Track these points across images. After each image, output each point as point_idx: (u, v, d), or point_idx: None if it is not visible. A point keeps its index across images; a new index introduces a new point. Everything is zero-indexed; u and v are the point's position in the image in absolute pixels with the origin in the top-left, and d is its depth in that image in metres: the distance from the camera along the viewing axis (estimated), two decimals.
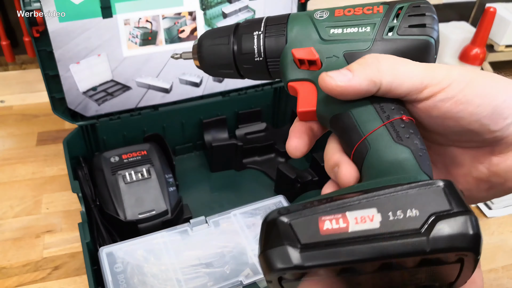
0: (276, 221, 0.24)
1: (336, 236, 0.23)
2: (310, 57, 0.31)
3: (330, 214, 0.23)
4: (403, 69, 0.27)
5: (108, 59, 0.66)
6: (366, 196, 0.23)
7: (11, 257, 0.63)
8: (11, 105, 0.91)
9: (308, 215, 0.23)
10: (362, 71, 0.27)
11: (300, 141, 0.32)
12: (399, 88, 0.27)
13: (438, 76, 0.27)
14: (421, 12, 0.30)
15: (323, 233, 0.23)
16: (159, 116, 0.74)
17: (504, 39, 1.01)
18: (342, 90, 0.27)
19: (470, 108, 0.26)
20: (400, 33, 0.30)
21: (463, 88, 0.26)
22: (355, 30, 0.31)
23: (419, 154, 0.26)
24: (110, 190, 0.62)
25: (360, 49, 0.30)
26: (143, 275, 0.51)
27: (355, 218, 0.23)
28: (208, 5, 0.68)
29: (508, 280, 0.64)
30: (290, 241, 0.23)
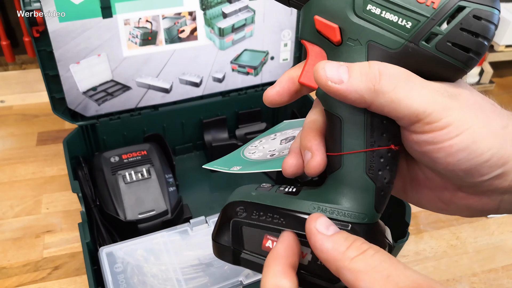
0: (231, 222, 0.29)
1: None
2: (331, 36, 0.26)
3: (274, 236, 0.28)
4: (403, 95, 0.24)
5: (108, 59, 0.66)
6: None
7: (11, 257, 0.63)
8: (11, 105, 0.91)
9: (258, 228, 0.28)
10: (358, 82, 0.25)
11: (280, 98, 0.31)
12: (390, 114, 0.25)
13: (437, 115, 0.24)
14: (477, 29, 0.24)
15: (263, 248, 0.28)
16: (159, 116, 0.74)
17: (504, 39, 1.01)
18: (329, 90, 0.25)
19: (450, 159, 0.25)
20: (438, 48, 0.24)
21: (454, 137, 0.24)
22: (395, 19, 0.25)
23: (381, 192, 0.27)
24: (110, 190, 0.62)
25: (388, 46, 0.25)
26: (143, 275, 0.51)
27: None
28: (208, 5, 0.68)
29: (508, 280, 0.64)
30: (236, 245, 0.29)
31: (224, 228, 0.29)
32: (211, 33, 0.70)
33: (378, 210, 0.27)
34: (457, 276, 0.65)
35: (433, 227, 0.72)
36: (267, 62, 0.77)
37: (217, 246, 0.30)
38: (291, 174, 0.31)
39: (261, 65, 0.76)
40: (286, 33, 0.75)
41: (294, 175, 0.31)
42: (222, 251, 0.30)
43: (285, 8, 0.72)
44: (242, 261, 0.29)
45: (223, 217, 0.30)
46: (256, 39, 0.74)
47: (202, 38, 0.70)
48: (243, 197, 0.30)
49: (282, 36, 0.75)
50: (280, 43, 0.76)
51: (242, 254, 0.28)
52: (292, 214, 0.28)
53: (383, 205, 0.28)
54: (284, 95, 0.31)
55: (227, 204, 0.30)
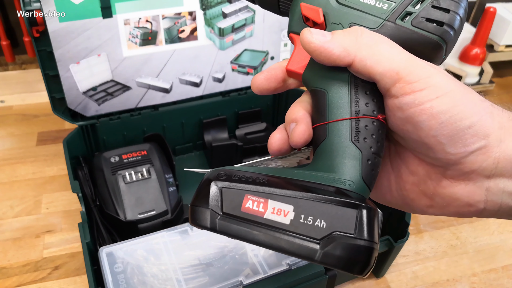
0: (211, 183, 0.27)
1: (251, 217, 0.26)
2: (315, 18, 0.29)
3: (256, 195, 0.26)
4: (384, 50, 0.26)
5: (108, 59, 0.66)
6: (291, 193, 0.26)
7: (11, 257, 0.63)
8: (11, 105, 0.91)
9: (239, 189, 0.27)
10: (341, 38, 0.26)
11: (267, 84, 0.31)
12: (373, 68, 0.26)
13: (416, 74, 0.25)
14: (447, 6, 0.27)
15: (243, 209, 0.26)
16: (159, 116, 0.74)
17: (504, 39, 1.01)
18: (315, 48, 0.27)
19: (432, 122, 0.25)
20: (414, 24, 0.27)
21: (434, 99, 0.25)
22: (372, 2, 0.28)
23: (368, 161, 0.27)
24: (110, 190, 0.62)
25: (368, 25, 0.28)
26: (143, 275, 0.51)
27: (273, 207, 0.26)
28: (208, 5, 0.68)
29: (508, 280, 0.64)
30: (214, 207, 0.27)
31: (203, 192, 0.28)
32: (211, 33, 0.70)
33: (366, 180, 0.27)
34: (457, 276, 0.65)
35: (433, 227, 0.72)
36: (267, 62, 0.77)
37: (193, 211, 0.28)
38: (277, 148, 0.30)
39: (261, 65, 0.76)
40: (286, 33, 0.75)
41: (280, 150, 0.30)
42: (198, 215, 0.28)
43: None
44: (219, 225, 0.27)
45: (203, 183, 0.28)
46: (256, 39, 0.74)
47: (202, 38, 0.70)
48: (228, 168, 0.29)
49: (282, 36, 0.75)
50: (280, 43, 0.76)
51: (219, 218, 0.27)
52: (276, 178, 0.27)
53: (371, 177, 0.27)
54: (271, 80, 0.31)
55: (209, 172, 0.29)
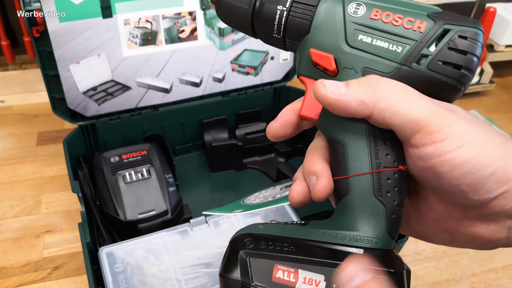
0: (239, 254, 0.27)
1: (283, 287, 0.26)
2: (327, 65, 0.28)
3: (285, 265, 0.26)
4: (403, 101, 0.25)
5: (108, 59, 0.66)
6: (321, 261, 0.25)
7: (11, 257, 0.63)
8: (11, 105, 0.91)
9: (267, 258, 0.26)
10: (357, 90, 0.25)
11: (283, 131, 0.31)
12: (392, 120, 0.25)
13: (436, 124, 0.24)
14: (464, 48, 0.25)
15: (274, 280, 0.26)
16: (159, 116, 0.74)
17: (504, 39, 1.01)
18: (331, 102, 0.26)
19: (455, 172, 0.24)
20: (430, 68, 0.26)
21: (456, 149, 0.24)
22: (386, 45, 0.26)
23: (392, 215, 0.26)
24: (110, 190, 0.62)
25: (382, 71, 0.26)
26: (143, 275, 0.51)
27: (304, 277, 0.25)
28: (208, 5, 0.68)
29: (508, 280, 0.64)
30: (245, 278, 0.27)
31: (231, 262, 0.27)
32: (211, 33, 0.70)
33: (391, 234, 0.26)
34: (457, 276, 0.65)
35: None
36: (267, 62, 0.77)
37: (224, 282, 0.28)
38: (298, 201, 0.29)
39: (261, 65, 0.76)
40: None
41: (302, 203, 0.29)
42: (230, 287, 0.28)
43: None
44: None
45: (230, 252, 0.28)
46: (256, 39, 0.73)
47: (202, 38, 0.70)
48: (249, 230, 0.29)
49: None
50: None
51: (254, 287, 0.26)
52: (302, 242, 0.27)
53: (396, 230, 0.27)
54: (287, 127, 0.30)
55: (233, 238, 0.28)
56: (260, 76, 0.77)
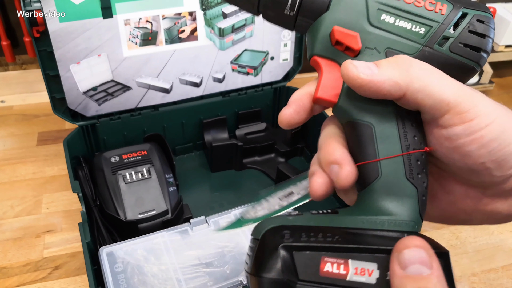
0: (279, 249, 0.23)
1: (333, 281, 0.23)
2: (352, 44, 0.26)
3: (334, 256, 0.23)
4: (435, 82, 0.24)
5: (109, 59, 0.66)
6: (372, 249, 0.24)
7: (12, 257, 0.63)
8: (11, 105, 0.91)
9: (313, 251, 0.23)
10: (390, 70, 0.25)
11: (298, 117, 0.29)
12: (425, 100, 0.24)
13: (466, 105, 0.24)
14: (483, 31, 0.26)
15: (322, 274, 0.23)
16: (159, 116, 0.74)
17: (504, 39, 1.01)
18: (362, 83, 0.25)
19: (482, 151, 0.25)
20: (452, 50, 0.26)
21: (484, 127, 0.24)
22: (409, 26, 0.26)
23: (423, 196, 0.26)
24: (111, 190, 0.62)
25: (406, 51, 0.26)
26: (143, 275, 0.51)
27: (355, 268, 0.23)
28: (208, 6, 0.68)
29: (508, 280, 0.65)
30: (289, 275, 0.23)
31: (270, 258, 0.23)
32: (211, 33, 0.70)
33: (421, 216, 0.26)
34: (457, 276, 0.65)
35: (433, 227, 0.72)
36: (267, 62, 0.77)
37: (260, 282, 0.23)
38: (322, 194, 0.27)
39: (261, 65, 0.76)
40: (286, 34, 0.75)
41: (325, 195, 0.27)
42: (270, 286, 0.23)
43: None
44: None
45: (264, 247, 0.24)
46: (256, 39, 0.74)
47: (202, 38, 0.70)
48: (279, 222, 0.25)
49: (282, 36, 0.75)
50: (280, 43, 0.76)
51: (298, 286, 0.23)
52: (345, 231, 0.25)
53: (424, 212, 0.26)
54: (301, 113, 0.29)
55: (266, 231, 0.24)
56: (260, 76, 0.77)
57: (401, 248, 0.23)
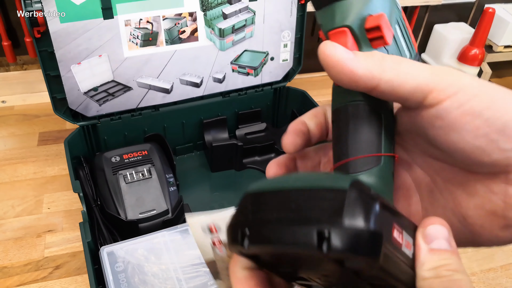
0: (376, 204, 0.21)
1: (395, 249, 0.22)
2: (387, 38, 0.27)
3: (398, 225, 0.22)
4: (408, 68, 0.25)
5: (109, 60, 0.66)
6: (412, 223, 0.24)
7: (12, 257, 0.64)
8: (12, 106, 0.91)
9: (389, 215, 0.22)
10: (364, 59, 0.25)
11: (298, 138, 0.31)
12: (401, 87, 0.24)
13: (446, 81, 0.24)
14: None
15: (392, 240, 0.22)
16: (160, 116, 0.74)
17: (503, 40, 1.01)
18: (336, 65, 0.25)
19: (478, 121, 0.24)
20: None
21: (472, 98, 0.24)
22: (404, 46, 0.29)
23: None
24: (111, 190, 0.63)
25: None
26: (144, 274, 0.52)
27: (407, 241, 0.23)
28: (208, 6, 0.68)
29: (507, 279, 0.65)
30: (382, 233, 0.20)
31: (368, 208, 0.20)
32: (211, 34, 0.70)
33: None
34: None
35: None
36: (267, 63, 0.77)
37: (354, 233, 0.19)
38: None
39: (261, 66, 0.77)
40: (286, 34, 0.76)
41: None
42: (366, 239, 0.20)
43: (285, 8, 0.72)
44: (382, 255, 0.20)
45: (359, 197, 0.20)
46: (256, 40, 0.74)
47: (202, 39, 0.70)
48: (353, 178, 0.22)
49: (282, 36, 0.75)
50: (280, 44, 0.76)
51: (384, 246, 0.20)
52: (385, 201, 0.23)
53: None
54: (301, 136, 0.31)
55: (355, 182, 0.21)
56: (260, 77, 0.78)
57: (427, 224, 0.24)
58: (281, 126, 0.85)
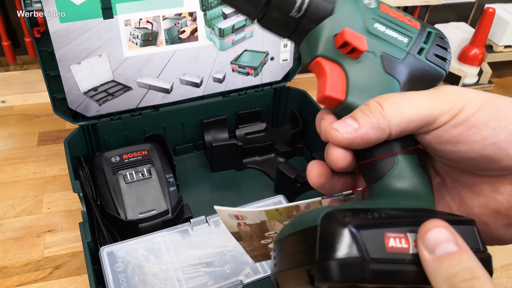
0: (346, 229, 0.22)
1: (399, 256, 0.23)
2: (360, 46, 0.28)
3: (394, 232, 0.23)
4: (408, 106, 0.26)
5: (109, 60, 0.66)
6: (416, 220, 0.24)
7: (12, 257, 0.64)
8: (12, 105, 0.91)
9: (376, 227, 0.23)
10: (367, 119, 0.26)
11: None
12: (409, 126, 0.26)
13: (448, 102, 0.25)
14: (444, 45, 0.32)
15: (388, 250, 0.23)
16: (160, 116, 0.74)
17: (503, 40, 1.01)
18: (350, 141, 0.26)
19: (484, 131, 0.24)
20: (427, 58, 0.31)
21: (476, 111, 0.24)
22: (395, 35, 0.30)
23: (431, 183, 0.28)
24: (111, 190, 0.63)
25: (396, 57, 0.30)
26: (144, 275, 0.52)
27: (414, 241, 0.23)
28: (208, 6, 0.68)
29: (507, 280, 0.65)
30: (362, 254, 0.22)
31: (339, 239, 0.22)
32: (211, 34, 0.70)
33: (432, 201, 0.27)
34: None
35: None
36: (267, 63, 0.77)
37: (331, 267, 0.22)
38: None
39: (261, 66, 0.77)
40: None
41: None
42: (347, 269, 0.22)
43: None
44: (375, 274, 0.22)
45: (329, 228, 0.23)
46: (256, 40, 0.74)
47: (202, 39, 0.70)
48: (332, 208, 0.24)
49: None
50: (280, 44, 0.76)
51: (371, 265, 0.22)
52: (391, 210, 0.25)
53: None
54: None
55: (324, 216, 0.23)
56: (260, 77, 0.78)
57: (424, 233, 0.23)
58: (281, 126, 0.85)
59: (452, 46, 1.01)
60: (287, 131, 0.82)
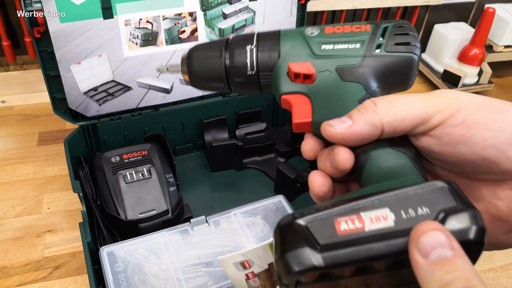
0: (293, 225, 0.24)
1: (354, 236, 0.23)
2: (307, 71, 0.32)
3: (345, 215, 0.24)
4: (401, 104, 0.26)
5: (109, 60, 0.66)
6: (377, 198, 0.24)
7: (12, 257, 0.64)
8: (12, 105, 0.91)
9: (323, 218, 0.24)
10: (361, 116, 0.27)
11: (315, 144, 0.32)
12: (402, 124, 0.26)
13: (445, 101, 0.26)
14: (404, 31, 0.33)
15: (340, 233, 0.24)
16: (160, 116, 0.74)
17: (503, 40, 1.01)
18: (344, 136, 0.27)
19: (485, 132, 0.24)
20: (387, 50, 0.32)
21: (475, 112, 0.25)
22: (346, 46, 0.32)
23: (416, 159, 0.28)
24: (111, 190, 0.63)
25: (351, 64, 0.32)
26: (144, 275, 0.52)
27: (369, 218, 0.24)
28: (208, 6, 0.68)
29: (507, 279, 0.65)
30: (309, 243, 0.23)
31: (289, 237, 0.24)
32: (211, 34, 0.70)
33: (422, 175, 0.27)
34: None
35: None
36: None
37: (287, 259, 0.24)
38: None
39: None
40: None
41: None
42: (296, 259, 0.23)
43: (284, 8, 0.72)
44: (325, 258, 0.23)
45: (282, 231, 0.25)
46: None
47: (202, 39, 0.70)
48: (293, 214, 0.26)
49: None
50: None
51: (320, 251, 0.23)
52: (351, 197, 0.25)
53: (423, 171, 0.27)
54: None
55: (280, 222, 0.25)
56: None
57: (418, 236, 0.22)
58: (281, 126, 0.85)
59: (452, 46, 1.01)
60: (287, 131, 0.82)
